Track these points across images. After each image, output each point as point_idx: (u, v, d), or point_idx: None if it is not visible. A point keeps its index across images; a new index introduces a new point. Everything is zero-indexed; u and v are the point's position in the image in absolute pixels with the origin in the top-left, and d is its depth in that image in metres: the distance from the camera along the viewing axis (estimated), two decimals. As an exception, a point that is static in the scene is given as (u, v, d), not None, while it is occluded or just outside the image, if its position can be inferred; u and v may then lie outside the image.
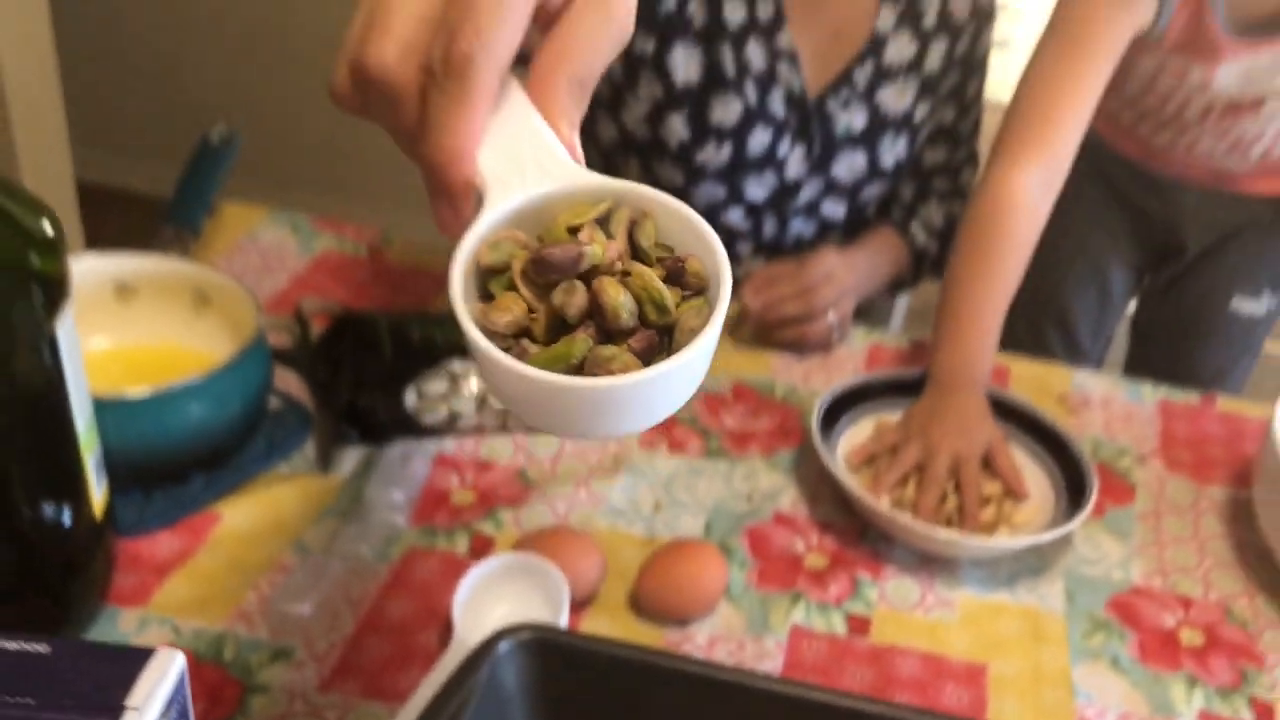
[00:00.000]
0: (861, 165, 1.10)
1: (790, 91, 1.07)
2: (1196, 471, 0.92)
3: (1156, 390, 1.01)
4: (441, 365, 0.84)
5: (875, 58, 1.07)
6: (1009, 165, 0.93)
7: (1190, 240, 1.19)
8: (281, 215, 1.10)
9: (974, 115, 1.15)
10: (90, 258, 0.84)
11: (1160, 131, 1.11)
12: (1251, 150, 1.09)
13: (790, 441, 0.90)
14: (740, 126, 1.06)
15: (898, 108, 1.08)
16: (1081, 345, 1.23)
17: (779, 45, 1.05)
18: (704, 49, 1.04)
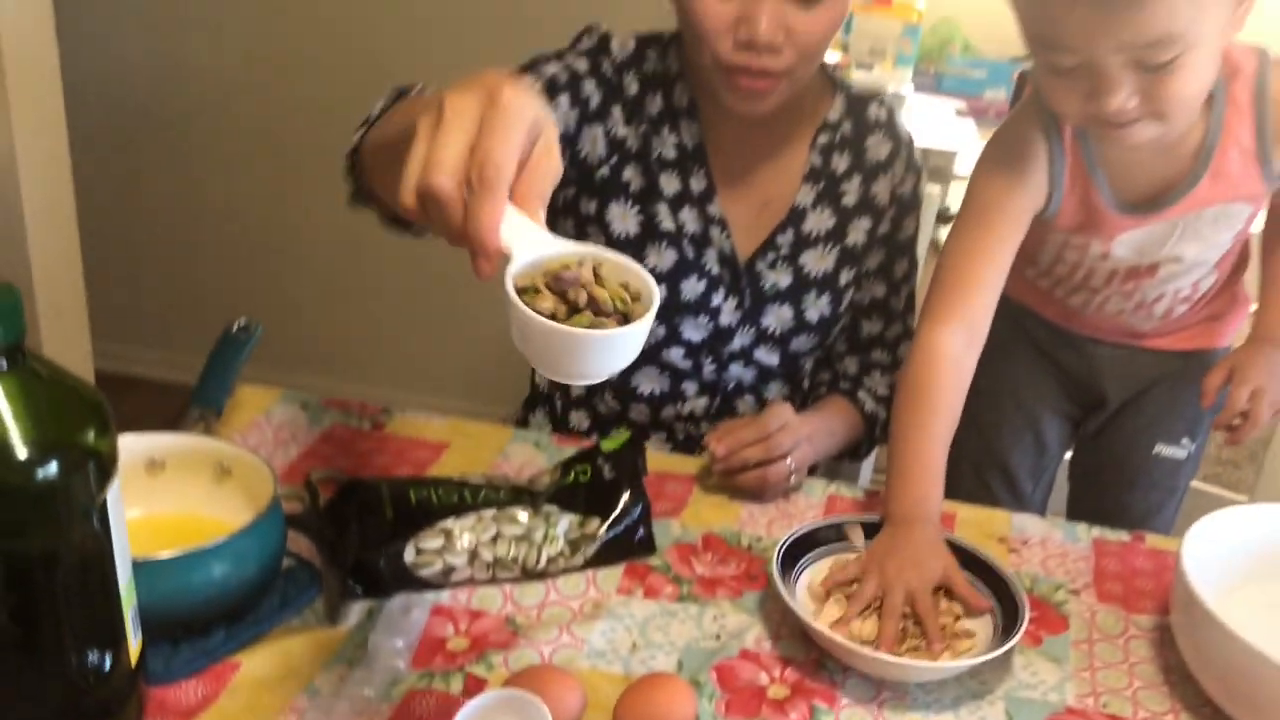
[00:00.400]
0: (789, 318, 1.24)
1: (722, 252, 1.22)
2: (1126, 602, 1.01)
3: (1090, 530, 1.10)
4: (437, 524, 0.94)
5: (796, 227, 1.23)
6: (935, 326, 1.07)
7: (1110, 392, 1.30)
8: (293, 395, 1.22)
9: (905, 293, 1.29)
10: (125, 437, 0.94)
11: (1073, 295, 1.24)
12: (1155, 310, 1.22)
13: (756, 585, 0.99)
14: (675, 272, 1.21)
15: (819, 270, 1.23)
16: (1023, 492, 1.34)
17: (710, 213, 1.21)
18: (640, 207, 1.20)
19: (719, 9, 1.07)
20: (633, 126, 1.21)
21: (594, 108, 1.18)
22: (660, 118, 1.22)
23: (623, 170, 1.20)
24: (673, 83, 1.22)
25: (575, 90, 1.17)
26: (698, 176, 1.21)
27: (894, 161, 1.25)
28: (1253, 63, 1.06)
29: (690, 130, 1.22)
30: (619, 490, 1.00)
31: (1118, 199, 1.11)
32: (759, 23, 1.05)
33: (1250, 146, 1.07)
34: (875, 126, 1.26)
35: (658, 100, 1.22)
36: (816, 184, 1.23)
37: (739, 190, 1.23)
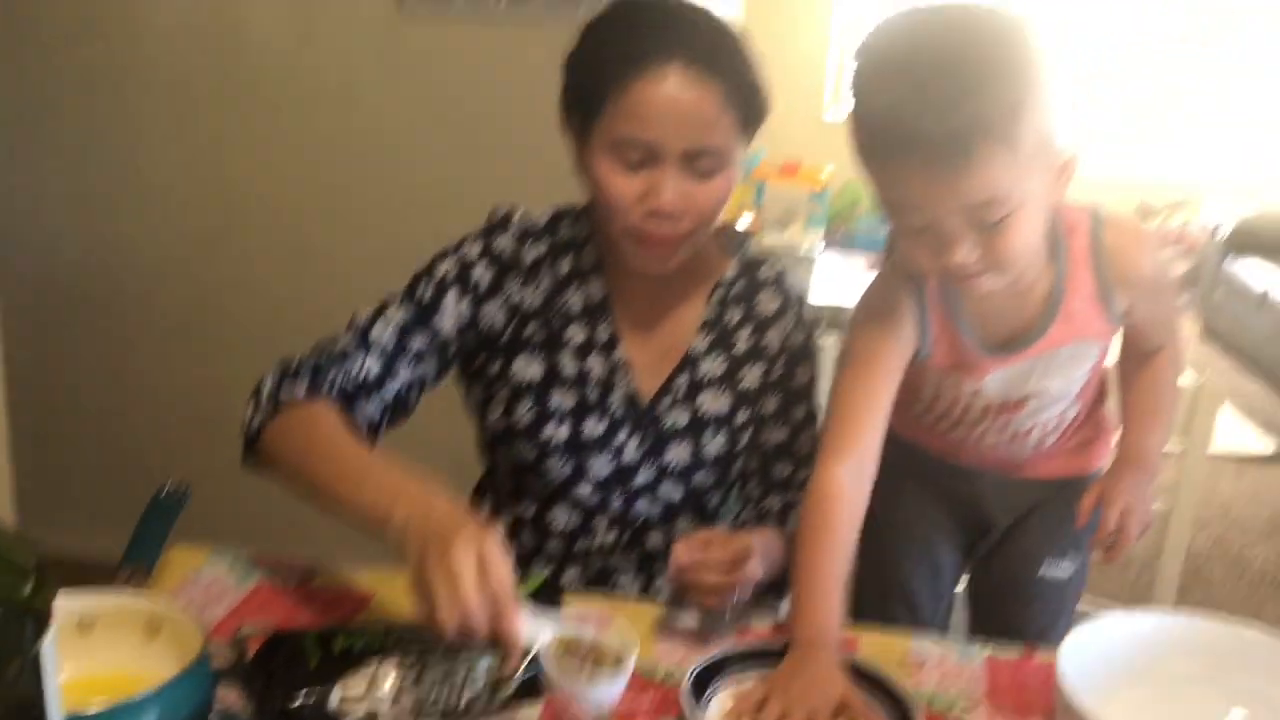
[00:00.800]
0: (688, 455, 1.34)
1: (625, 394, 1.33)
2: (1017, 712, 1.07)
3: (984, 649, 1.17)
4: (360, 670, 0.98)
5: (691, 371, 1.34)
6: (826, 463, 1.17)
7: (995, 518, 1.40)
8: (222, 553, 1.26)
9: (805, 439, 1.38)
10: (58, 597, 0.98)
11: (954, 430, 1.34)
12: (1028, 441, 1.32)
13: (671, 712, 1.04)
14: (579, 413, 1.31)
15: (714, 410, 1.34)
16: (923, 616, 1.41)
17: (615, 358, 1.33)
18: (544, 356, 1.32)
19: (627, 184, 1.21)
20: (530, 288, 1.34)
21: (486, 287, 1.32)
22: (570, 276, 1.35)
23: (524, 328, 1.33)
24: (582, 246, 1.36)
25: (464, 281, 1.32)
26: (603, 326, 1.34)
27: (784, 315, 1.38)
28: (1086, 221, 1.20)
29: (597, 286, 1.34)
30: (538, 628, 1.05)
31: (983, 342, 1.22)
32: (663, 195, 1.19)
33: (1092, 292, 1.20)
34: (765, 284, 1.39)
35: (568, 261, 1.35)
36: (711, 333, 1.36)
37: (641, 338, 1.35)
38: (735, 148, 1.23)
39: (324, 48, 2.49)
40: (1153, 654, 1.07)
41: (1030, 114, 1.00)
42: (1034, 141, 1.01)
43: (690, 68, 1.17)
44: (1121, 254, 1.20)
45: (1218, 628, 1.09)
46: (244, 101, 2.55)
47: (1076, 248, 1.19)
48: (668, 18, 1.21)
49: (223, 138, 2.57)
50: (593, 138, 1.23)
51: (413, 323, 1.31)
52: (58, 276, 2.72)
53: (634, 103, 1.18)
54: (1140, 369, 1.35)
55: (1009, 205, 1.03)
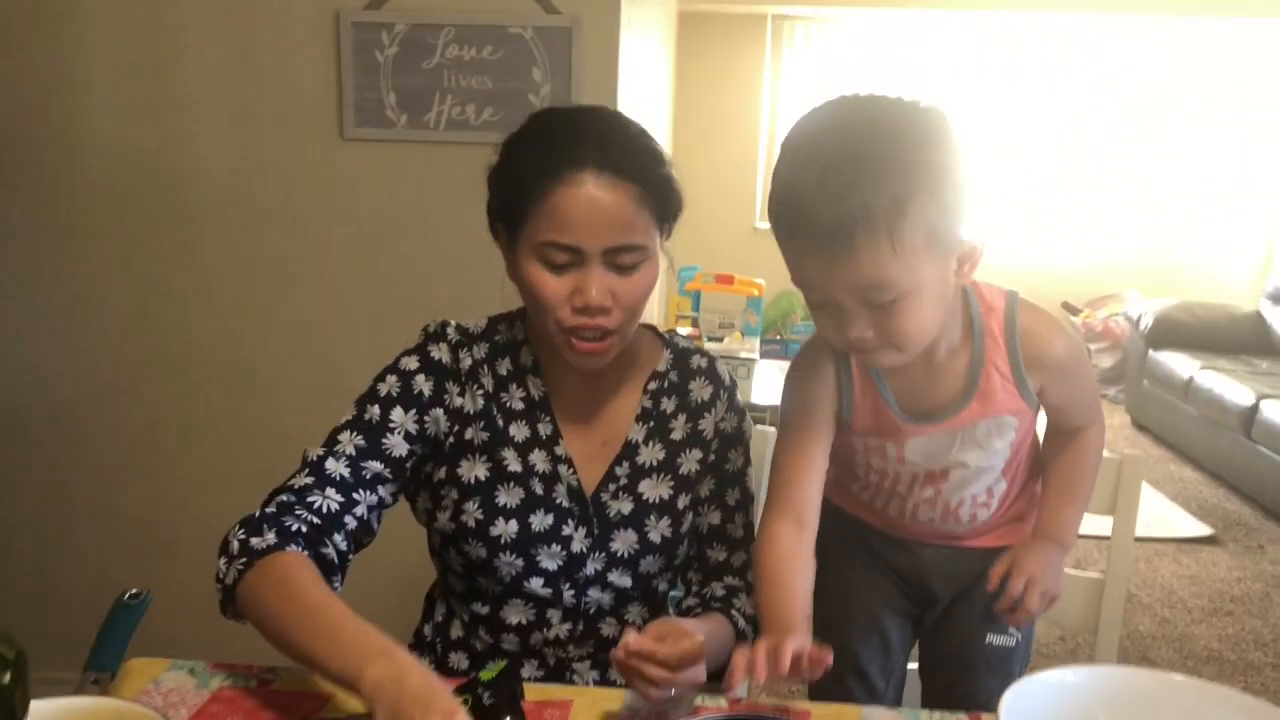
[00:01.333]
0: (634, 541, 1.39)
1: (570, 486, 1.38)
2: (966, 772, 1.11)
3: (932, 715, 1.21)
4: (326, 758, 1.00)
5: (631, 460, 1.40)
6: (767, 520, 1.28)
7: (937, 590, 1.45)
8: (181, 663, 1.27)
9: (741, 522, 1.45)
10: (21, 704, 0.99)
11: (889, 504, 1.40)
12: (960, 515, 1.39)
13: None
14: (525, 508, 1.36)
15: (656, 496, 1.40)
16: (876, 689, 1.44)
17: (557, 453, 1.39)
18: (486, 456, 1.37)
19: (556, 284, 1.28)
20: (469, 393, 1.39)
21: (428, 397, 1.38)
22: (509, 376, 1.41)
23: (465, 431, 1.39)
24: (519, 348, 1.43)
25: (407, 395, 1.37)
26: (544, 423, 1.40)
27: (715, 402, 1.45)
28: (1002, 302, 1.28)
29: (535, 385, 1.41)
30: (499, 714, 1.08)
31: (903, 408, 1.30)
32: (590, 293, 1.27)
33: (1007, 371, 1.28)
34: (697, 373, 1.46)
35: (506, 363, 1.42)
36: (647, 423, 1.42)
37: (580, 432, 1.41)
38: (654, 241, 1.31)
39: (267, 171, 2.57)
40: (1090, 705, 1.11)
41: (918, 208, 1.08)
42: (922, 234, 1.09)
43: (603, 173, 1.26)
44: (1034, 336, 1.28)
45: (1147, 675, 1.15)
46: (187, 225, 2.60)
47: (993, 328, 1.27)
48: (579, 127, 1.30)
49: (166, 261, 2.61)
50: (519, 244, 1.30)
51: (364, 449, 1.34)
52: (-5, 404, 2.72)
53: (554, 210, 1.26)
54: (1062, 448, 1.41)
55: (896, 290, 1.11)
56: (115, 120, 2.56)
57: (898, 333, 1.15)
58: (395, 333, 1.45)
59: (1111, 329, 6.23)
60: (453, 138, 2.49)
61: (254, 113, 2.55)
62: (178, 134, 2.56)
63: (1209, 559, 4.03)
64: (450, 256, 2.51)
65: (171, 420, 2.69)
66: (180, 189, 2.59)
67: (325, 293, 2.61)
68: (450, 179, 2.50)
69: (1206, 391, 4.96)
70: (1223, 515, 4.48)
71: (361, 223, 2.58)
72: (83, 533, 2.75)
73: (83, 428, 2.71)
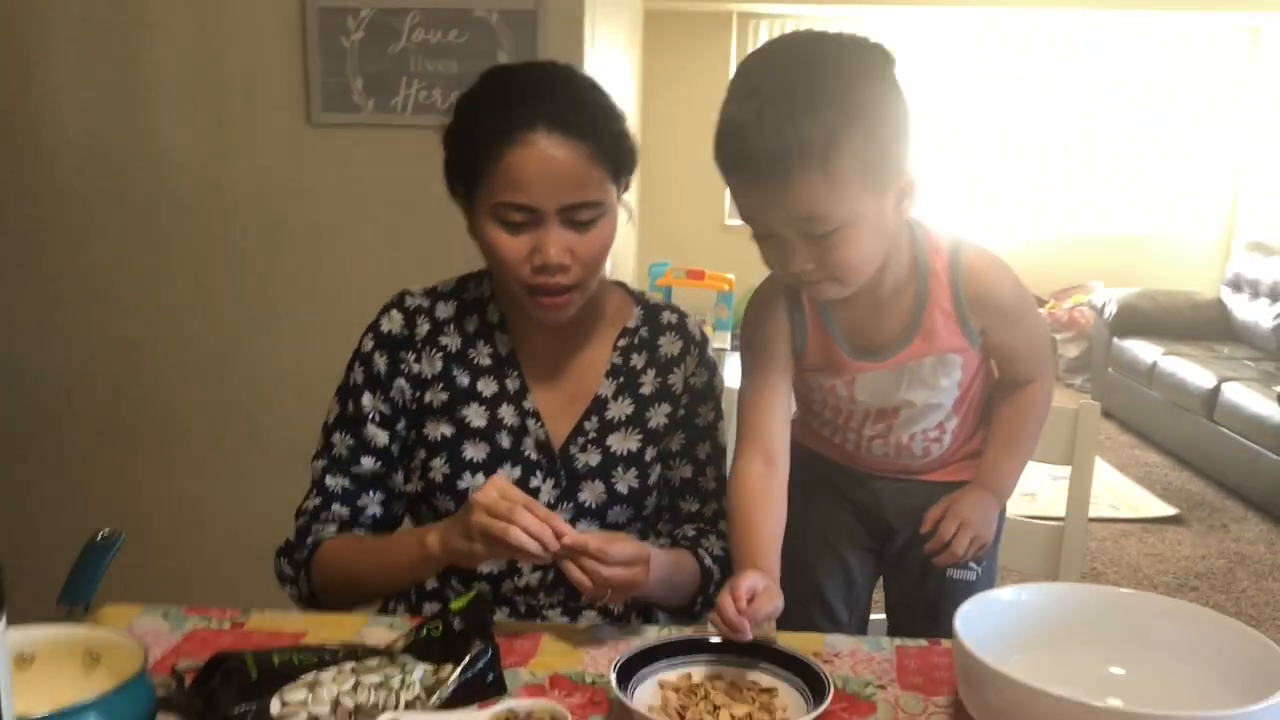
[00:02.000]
0: (601, 492, 1.41)
1: (538, 439, 1.41)
2: (924, 689, 1.14)
3: (893, 641, 1.25)
4: (300, 678, 1.02)
5: (600, 414, 1.42)
6: (738, 460, 1.31)
7: (894, 523, 1.47)
8: (154, 608, 1.28)
9: (713, 475, 1.47)
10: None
11: (843, 436, 1.44)
12: (913, 449, 1.42)
13: (599, 710, 1.08)
14: (492, 461, 1.39)
15: (624, 449, 1.42)
16: (841, 621, 1.47)
17: (525, 407, 1.41)
18: (448, 416, 1.40)
19: (514, 244, 1.31)
20: (426, 357, 1.43)
21: (385, 372, 1.43)
22: (476, 333, 1.44)
23: (424, 395, 1.42)
24: (485, 304, 1.45)
25: (369, 377, 1.43)
26: (512, 378, 1.42)
27: (685, 357, 1.47)
28: (947, 244, 1.31)
29: (502, 340, 1.44)
30: (469, 638, 1.10)
31: (850, 345, 1.33)
32: (548, 250, 1.29)
33: (950, 311, 1.30)
34: (667, 328, 1.48)
35: (474, 319, 1.45)
36: (617, 378, 1.44)
37: (549, 387, 1.44)
38: (610, 196, 1.33)
39: (236, 157, 2.58)
40: (1044, 620, 1.15)
41: (851, 140, 1.11)
42: (856, 166, 1.12)
43: (554, 131, 1.27)
44: (977, 276, 1.30)
45: (1099, 590, 1.19)
46: (155, 212, 2.61)
47: (937, 267, 1.30)
48: (529, 86, 1.31)
49: (134, 250, 2.62)
50: (477, 205, 1.32)
51: (354, 448, 1.43)
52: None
53: (507, 171, 1.27)
54: (1007, 398, 1.43)
55: (832, 222, 1.14)
56: (81, 109, 2.57)
57: (837, 265, 1.18)
58: (365, 316, 1.47)
59: (1077, 319, 6.32)
60: (420, 121, 2.51)
61: (221, 99, 2.57)
62: (145, 122, 2.58)
63: (1174, 538, 4.09)
64: (419, 239, 2.52)
65: (142, 408, 2.69)
66: (148, 176, 2.60)
67: (295, 277, 2.62)
68: (418, 162, 2.48)
69: (1169, 376, 5.03)
70: (1187, 496, 4.55)
71: (330, 207, 2.60)
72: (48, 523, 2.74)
73: (52, 419, 2.71)
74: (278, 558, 1.44)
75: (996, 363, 1.42)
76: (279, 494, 1.55)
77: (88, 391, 2.69)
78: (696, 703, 1.04)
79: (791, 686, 1.09)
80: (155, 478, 2.72)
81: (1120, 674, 1.12)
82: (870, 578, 1.53)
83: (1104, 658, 1.14)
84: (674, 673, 1.11)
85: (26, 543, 2.74)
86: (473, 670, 1.09)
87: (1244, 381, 4.58)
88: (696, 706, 1.04)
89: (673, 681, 1.09)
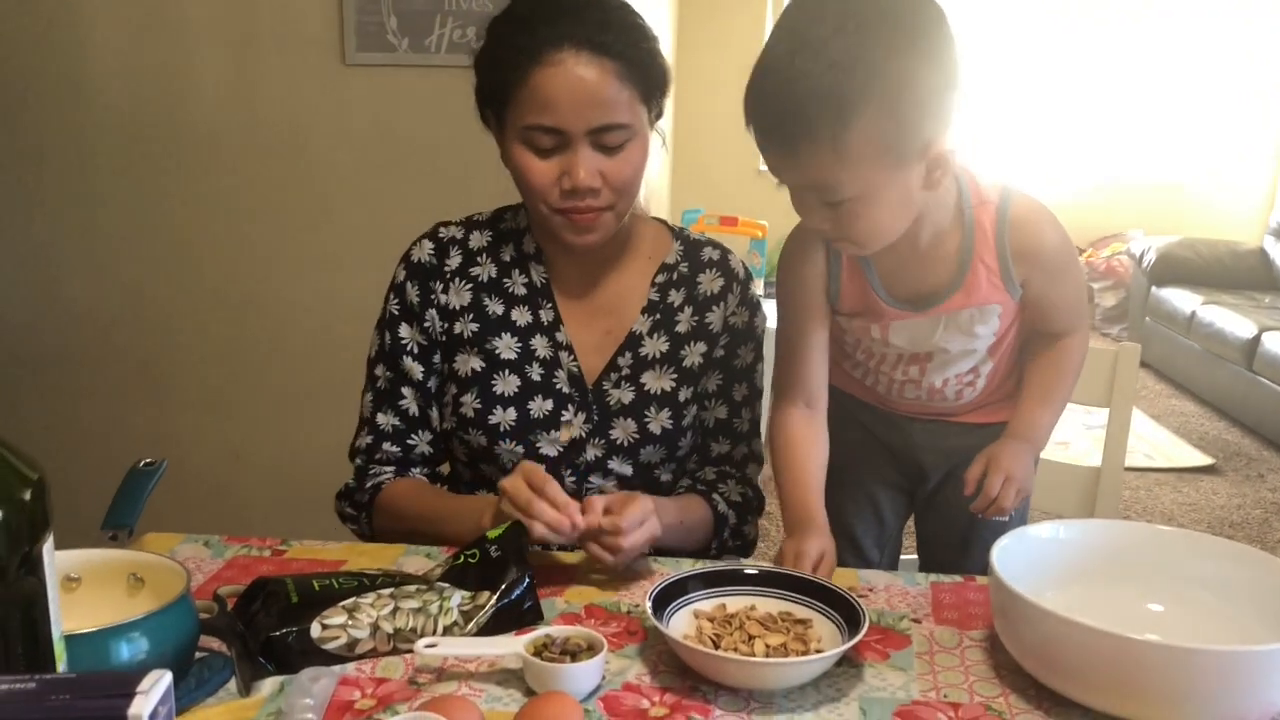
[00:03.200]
0: (634, 430, 1.40)
1: (570, 373, 1.40)
2: (960, 623, 1.14)
3: (928, 577, 1.25)
4: (339, 604, 1.03)
5: (634, 351, 1.41)
6: (778, 405, 1.31)
7: (927, 465, 1.47)
8: (196, 537, 1.30)
9: (748, 418, 1.46)
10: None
11: (874, 378, 1.42)
12: (946, 392, 1.40)
13: (635, 639, 1.09)
14: (523, 394, 1.39)
15: (658, 388, 1.41)
16: (871, 560, 1.47)
17: (559, 339, 1.41)
18: (478, 349, 1.41)
19: (543, 167, 1.29)
20: (454, 289, 1.42)
21: (418, 303, 1.43)
22: (512, 263, 1.43)
23: (454, 326, 1.42)
24: (522, 234, 1.44)
25: (404, 308, 1.44)
26: (546, 310, 1.41)
27: (726, 295, 1.44)
28: (996, 195, 1.27)
29: (538, 271, 1.43)
30: (506, 565, 1.11)
31: (889, 293, 1.31)
32: (577, 174, 1.27)
33: (994, 265, 1.27)
34: (708, 265, 1.45)
35: (510, 249, 1.44)
36: (654, 315, 1.43)
37: (584, 320, 1.43)
38: (640, 119, 1.31)
39: (271, 98, 2.58)
40: (1078, 557, 1.14)
41: (867, 117, 1.06)
42: (871, 143, 1.07)
43: (582, 50, 1.25)
44: (1023, 227, 1.27)
45: (1137, 527, 1.19)
46: (191, 151, 2.62)
47: (983, 221, 1.26)
48: (557, 6, 1.28)
49: (169, 188, 2.64)
50: (506, 129, 1.31)
51: (393, 380, 1.44)
52: (3, 335, 2.74)
53: (535, 92, 1.25)
54: (1043, 350, 1.39)
55: (843, 193, 1.12)
56: (117, 48, 2.57)
57: (850, 231, 1.17)
58: (397, 257, 1.47)
59: (1115, 268, 6.24)
60: (454, 61, 2.49)
61: (256, 39, 2.56)
62: (180, 62, 2.57)
63: (1209, 488, 4.06)
64: (452, 180, 2.52)
65: (178, 344, 2.72)
66: (183, 116, 2.60)
67: (328, 217, 2.63)
68: (452, 102, 2.50)
69: (1208, 326, 4.97)
70: (1223, 446, 4.51)
71: (364, 148, 2.59)
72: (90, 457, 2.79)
73: (90, 352, 2.74)
74: (338, 500, 1.45)
75: (1033, 315, 1.37)
76: (315, 431, 1.57)
77: (128, 327, 2.72)
78: (731, 632, 1.05)
79: (826, 619, 1.09)
80: (193, 414, 2.75)
81: (1158, 610, 1.12)
82: (901, 518, 1.53)
83: (1142, 594, 1.13)
84: (709, 603, 1.12)
85: (70, 473, 2.79)
86: (509, 597, 1.10)
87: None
88: (731, 636, 1.04)
89: (708, 611, 1.10)
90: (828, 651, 1.01)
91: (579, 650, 1.00)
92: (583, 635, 1.02)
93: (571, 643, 1.01)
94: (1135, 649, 0.92)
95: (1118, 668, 0.93)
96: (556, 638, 1.02)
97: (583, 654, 1.00)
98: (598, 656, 0.99)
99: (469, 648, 1.04)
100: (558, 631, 1.03)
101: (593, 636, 1.02)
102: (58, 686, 0.66)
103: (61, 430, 2.78)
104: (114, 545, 1.11)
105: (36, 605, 0.79)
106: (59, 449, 2.77)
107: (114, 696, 0.61)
